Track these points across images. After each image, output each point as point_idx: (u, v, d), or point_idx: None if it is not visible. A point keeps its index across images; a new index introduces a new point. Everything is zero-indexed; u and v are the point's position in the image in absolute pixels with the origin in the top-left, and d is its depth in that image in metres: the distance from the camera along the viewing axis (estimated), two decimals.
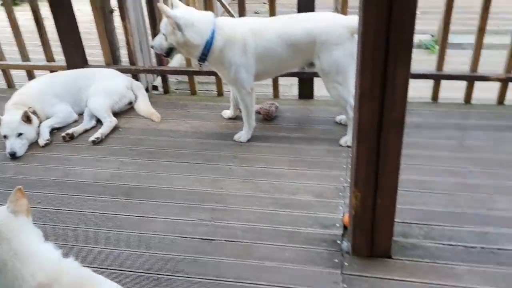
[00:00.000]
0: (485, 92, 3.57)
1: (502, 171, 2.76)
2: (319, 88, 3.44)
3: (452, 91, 3.68)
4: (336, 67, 2.95)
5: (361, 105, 1.90)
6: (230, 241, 2.37)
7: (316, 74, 3.23)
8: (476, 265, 2.13)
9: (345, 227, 2.39)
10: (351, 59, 2.84)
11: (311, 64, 3.11)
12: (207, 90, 4.30)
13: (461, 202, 2.53)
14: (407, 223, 2.40)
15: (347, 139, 3.09)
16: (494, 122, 3.28)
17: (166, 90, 4.15)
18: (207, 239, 2.39)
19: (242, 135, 3.27)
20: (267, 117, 3.52)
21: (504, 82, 3.47)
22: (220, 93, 4.00)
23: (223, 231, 2.44)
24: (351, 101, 2.90)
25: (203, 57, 3.03)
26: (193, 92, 4.07)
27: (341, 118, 3.39)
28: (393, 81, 1.81)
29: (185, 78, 4.24)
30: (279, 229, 2.43)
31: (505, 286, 2.03)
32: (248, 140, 3.26)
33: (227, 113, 3.60)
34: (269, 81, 3.76)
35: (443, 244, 2.26)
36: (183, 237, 2.42)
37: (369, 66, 1.81)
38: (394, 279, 2.10)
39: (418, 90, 3.60)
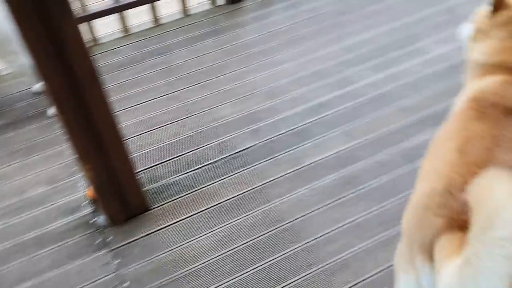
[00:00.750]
0: (170, 7, 3.57)
1: (217, 81, 2.83)
2: None
3: (141, 16, 3.56)
4: (4, 36, 2.47)
5: (43, 74, 1.61)
6: None
7: None
8: (225, 176, 2.22)
9: (94, 200, 2.17)
10: None
11: None
12: None
13: (190, 125, 2.54)
14: (151, 167, 2.31)
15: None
16: (187, 35, 3.32)
17: None
18: None
19: None
20: None
21: None
22: None
23: None
24: None
25: None
26: None
27: (37, 87, 2.95)
28: (65, 35, 1.56)
29: None
30: (23, 240, 2.07)
31: (257, 180, 2.17)
32: None
33: None
34: None
35: (191, 170, 2.27)
36: None
37: (29, 30, 1.51)
38: (162, 228, 2.04)
39: (107, 26, 3.38)
